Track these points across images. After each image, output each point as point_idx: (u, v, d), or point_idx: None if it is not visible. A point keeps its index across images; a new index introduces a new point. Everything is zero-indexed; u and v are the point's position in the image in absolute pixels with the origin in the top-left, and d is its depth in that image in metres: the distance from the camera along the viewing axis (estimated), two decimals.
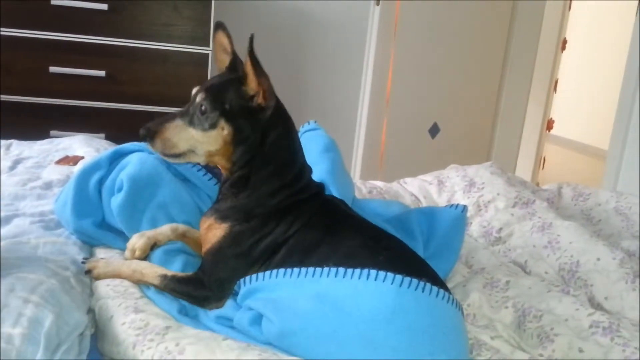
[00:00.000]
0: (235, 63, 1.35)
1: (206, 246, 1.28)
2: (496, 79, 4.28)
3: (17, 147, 2.09)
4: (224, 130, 1.25)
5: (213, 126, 1.25)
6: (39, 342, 1.00)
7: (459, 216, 1.54)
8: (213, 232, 1.28)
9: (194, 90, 1.30)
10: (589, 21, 6.28)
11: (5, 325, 1.00)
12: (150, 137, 1.25)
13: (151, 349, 1.06)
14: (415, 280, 1.09)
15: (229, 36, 1.35)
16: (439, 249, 1.50)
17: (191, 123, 1.26)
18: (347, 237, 1.27)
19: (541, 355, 1.24)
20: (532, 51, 4.28)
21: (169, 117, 1.28)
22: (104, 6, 2.84)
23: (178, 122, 1.26)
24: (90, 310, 1.21)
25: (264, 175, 1.29)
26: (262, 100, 1.26)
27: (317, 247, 1.24)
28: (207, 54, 3.01)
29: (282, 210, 1.28)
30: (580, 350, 1.23)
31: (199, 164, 1.45)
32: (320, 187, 1.41)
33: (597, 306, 1.46)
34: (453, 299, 1.15)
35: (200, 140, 1.26)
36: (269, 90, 1.26)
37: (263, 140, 1.28)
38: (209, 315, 1.22)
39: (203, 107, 1.24)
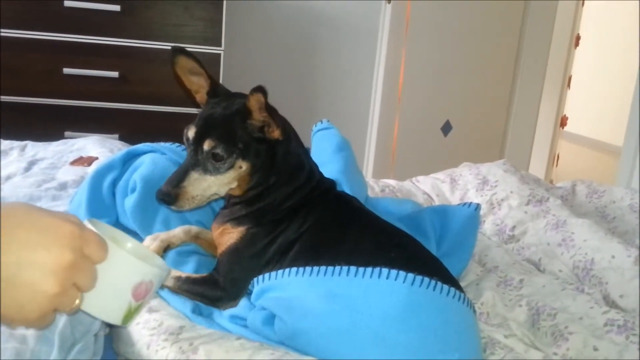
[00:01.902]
0: (215, 89, 1.30)
1: (221, 248, 1.28)
2: (509, 76, 4.26)
3: (32, 149, 2.11)
4: (242, 168, 1.23)
5: (231, 167, 1.22)
6: (53, 342, 1.01)
7: (472, 214, 1.53)
8: (229, 235, 1.28)
9: (191, 132, 1.23)
10: (603, 17, 6.25)
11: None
12: (172, 202, 1.21)
13: (165, 349, 1.06)
14: (427, 279, 1.09)
15: (194, 58, 1.29)
16: (452, 248, 1.49)
17: (207, 171, 1.21)
18: (360, 234, 1.27)
19: (555, 353, 1.24)
20: (545, 48, 4.26)
21: (180, 173, 1.22)
22: (116, 7, 2.86)
23: (194, 175, 1.21)
24: None
25: (277, 185, 1.29)
26: (280, 135, 1.24)
27: (330, 243, 1.24)
28: (219, 54, 3.02)
29: (295, 209, 1.29)
30: (595, 349, 1.22)
31: None
32: (332, 183, 1.41)
33: (612, 304, 1.45)
34: (465, 298, 1.15)
35: (221, 183, 1.23)
36: (283, 127, 1.25)
37: (273, 157, 1.27)
38: (222, 314, 1.22)
39: (219, 154, 1.20)
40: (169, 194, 1.20)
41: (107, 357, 1.16)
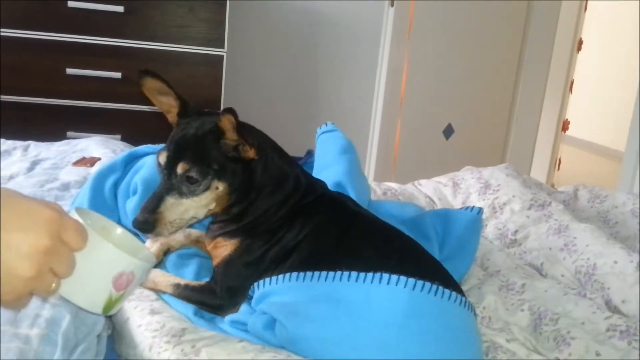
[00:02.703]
0: (186, 108, 1.27)
1: (216, 260, 1.27)
2: (511, 80, 4.26)
3: (35, 149, 2.11)
4: (218, 189, 1.20)
5: (207, 189, 1.18)
6: (57, 342, 1.01)
7: (474, 218, 1.53)
8: (223, 247, 1.26)
9: (162, 157, 1.20)
10: (605, 21, 6.26)
11: (22, 326, 1.01)
12: (149, 229, 1.18)
13: (167, 351, 1.06)
14: (427, 283, 1.08)
15: (162, 79, 1.24)
16: (454, 252, 1.49)
17: (182, 194, 1.17)
18: (359, 238, 1.26)
19: (558, 358, 1.24)
20: (548, 52, 4.26)
21: (154, 199, 1.18)
22: (119, 8, 2.87)
23: (170, 200, 1.17)
24: None
25: (263, 197, 1.26)
26: (255, 155, 1.21)
27: (329, 250, 1.23)
28: (222, 56, 3.03)
29: (290, 217, 1.27)
30: (597, 354, 1.22)
31: None
32: (323, 186, 1.38)
33: (614, 309, 1.45)
34: (466, 301, 1.14)
35: (199, 206, 1.19)
36: (259, 145, 1.21)
37: (251, 174, 1.24)
38: (224, 319, 1.22)
39: (193, 177, 1.16)
40: (146, 221, 1.17)
41: (110, 359, 1.16)
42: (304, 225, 1.26)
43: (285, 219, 1.26)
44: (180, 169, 1.16)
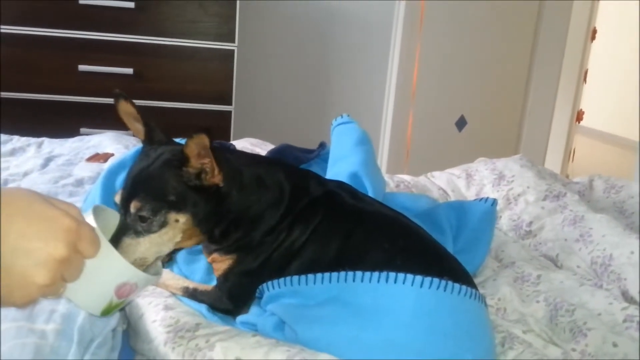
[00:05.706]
0: (151, 134, 1.19)
1: (217, 272, 1.24)
2: (524, 71, 4.24)
3: (49, 145, 2.12)
4: (179, 221, 1.10)
5: (164, 224, 1.08)
6: (73, 337, 1.02)
7: (488, 210, 1.52)
8: (221, 262, 1.23)
9: (118, 196, 1.11)
10: (620, 10, 6.19)
11: (38, 322, 1.01)
12: None
13: (182, 346, 1.06)
14: (435, 280, 1.06)
15: (132, 104, 1.18)
16: (469, 244, 1.48)
17: (139, 233, 1.07)
18: (362, 237, 1.22)
19: (574, 349, 1.23)
20: (561, 41, 4.23)
21: (114, 240, 1.05)
22: (130, 4, 2.87)
23: (127, 241, 1.06)
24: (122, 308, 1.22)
25: (247, 214, 1.20)
26: (221, 181, 1.12)
27: (332, 252, 1.20)
28: (233, 50, 3.02)
29: (287, 224, 1.21)
30: (614, 345, 1.21)
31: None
32: (319, 182, 1.31)
33: (631, 300, 1.43)
34: (477, 294, 1.13)
35: (161, 242, 1.09)
36: (225, 173, 1.13)
37: (225, 199, 1.16)
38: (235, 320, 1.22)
39: (145, 215, 1.06)
40: None
41: (124, 354, 1.16)
42: (304, 229, 1.21)
43: (281, 227, 1.21)
44: (132, 207, 1.07)
